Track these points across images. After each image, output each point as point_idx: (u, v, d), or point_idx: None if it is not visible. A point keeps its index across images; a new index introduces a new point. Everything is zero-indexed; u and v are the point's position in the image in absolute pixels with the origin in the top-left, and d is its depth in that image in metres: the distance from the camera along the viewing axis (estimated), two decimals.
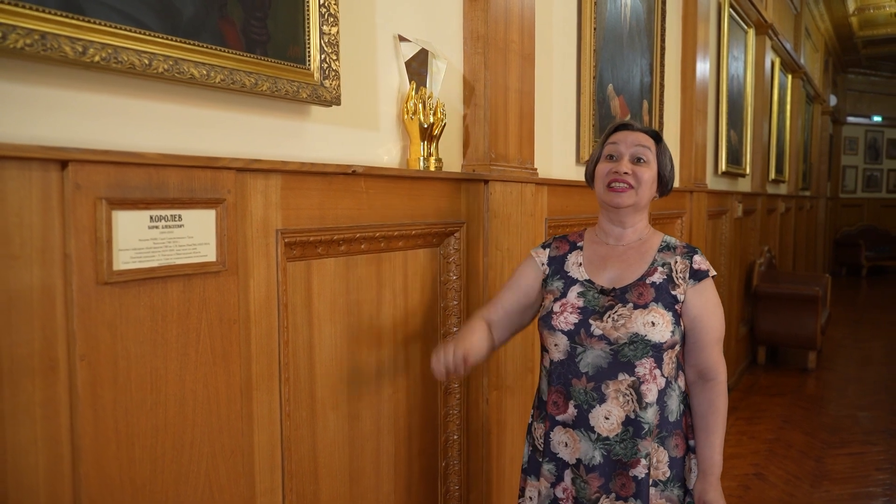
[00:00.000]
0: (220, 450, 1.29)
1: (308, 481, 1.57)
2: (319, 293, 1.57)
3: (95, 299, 1.08)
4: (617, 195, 1.60)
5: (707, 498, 1.59)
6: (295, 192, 1.45)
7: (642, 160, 1.61)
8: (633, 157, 1.61)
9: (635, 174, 1.60)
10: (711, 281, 1.62)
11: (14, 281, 0.99)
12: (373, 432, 1.76)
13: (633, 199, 1.60)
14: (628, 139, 1.63)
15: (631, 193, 1.60)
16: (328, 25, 1.52)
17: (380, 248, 1.74)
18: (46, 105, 1.08)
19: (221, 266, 1.27)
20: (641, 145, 1.62)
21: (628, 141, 1.63)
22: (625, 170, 1.59)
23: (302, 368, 1.54)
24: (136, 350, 1.14)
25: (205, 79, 1.25)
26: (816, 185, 11.06)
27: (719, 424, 1.61)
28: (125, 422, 1.13)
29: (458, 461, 2.06)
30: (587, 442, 1.58)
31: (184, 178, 1.20)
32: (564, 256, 1.70)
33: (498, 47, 2.11)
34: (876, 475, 3.81)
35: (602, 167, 1.64)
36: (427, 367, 1.94)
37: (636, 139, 1.63)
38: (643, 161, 1.61)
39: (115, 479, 1.12)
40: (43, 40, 1.02)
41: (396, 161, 1.87)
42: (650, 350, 1.54)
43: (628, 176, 1.59)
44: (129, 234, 1.11)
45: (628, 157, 1.61)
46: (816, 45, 10.07)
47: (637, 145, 1.62)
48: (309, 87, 1.48)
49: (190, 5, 1.25)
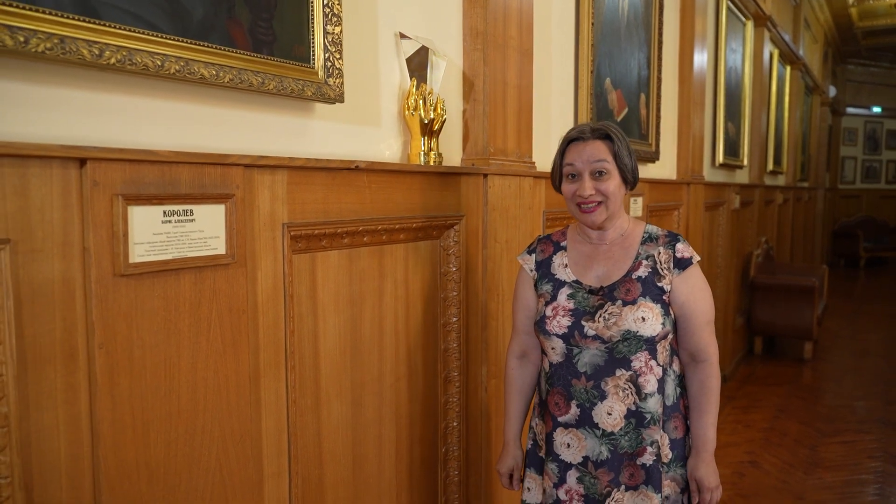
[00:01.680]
0: (229, 434, 1.35)
1: (313, 465, 1.63)
2: (324, 284, 1.63)
3: (112, 291, 1.13)
4: (590, 216, 1.63)
5: (698, 474, 1.65)
6: (300, 187, 1.50)
7: (603, 173, 1.61)
8: (594, 173, 1.62)
9: (599, 190, 1.61)
10: (696, 266, 1.67)
11: (37, 273, 1.05)
12: (375, 419, 1.82)
13: (604, 214, 1.63)
14: (583, 155, 1.62)
15: (601, 209, 1.62)
16: (332, 25, 1.56)
17: (382, 240, 1.79)
18: (65, 106, 1.13)
19: (231, 258, 1.33)
20: (598, 159, 1.61)
21: (584, 157, 1.62)
22: (588, 192, 1.60)
23: (307, 357, 1.59)
24: (150, 339, 1.20)
25: (214, 78, 1.30)
26: (815, 176, 11.10)
27: (712, 404, 1.67)
28: (140, 408, 1.19)
29: (457, 447, 2.13)
30: (593, 439, 1.62)
31: (195, 175, 1.25)
32: (550, 259, 1.74)
33: (497, 43, 2.16)
34: (868, 463, 3.88)
35: (567, 189, 1.65)
36: (427, 356, 2.01)
37: (591, 154, 1.62)
38: (604, 174, 1.61)
39: (131, 462, 1.18)
40: (62, 44, 1.07)
41: (398, 156, 1.92)
42: (643, 344, 1.59)
43: (594, 196, 1.61)
44: (144, 229, 1.17)
45: (588, 175, 1.62)
46: (816, 36, 10.09)
47: (594, 161, 1.61)
48: (313, 86, 1.53)
49: (199, 7, 1.29)
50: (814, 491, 3.50)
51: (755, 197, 6.32)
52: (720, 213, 5.20)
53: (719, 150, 5.14)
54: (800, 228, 9.43)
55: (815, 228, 11.29)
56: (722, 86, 5.09)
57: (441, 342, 2.06)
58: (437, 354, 2.06)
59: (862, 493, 3.49)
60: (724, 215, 5.23)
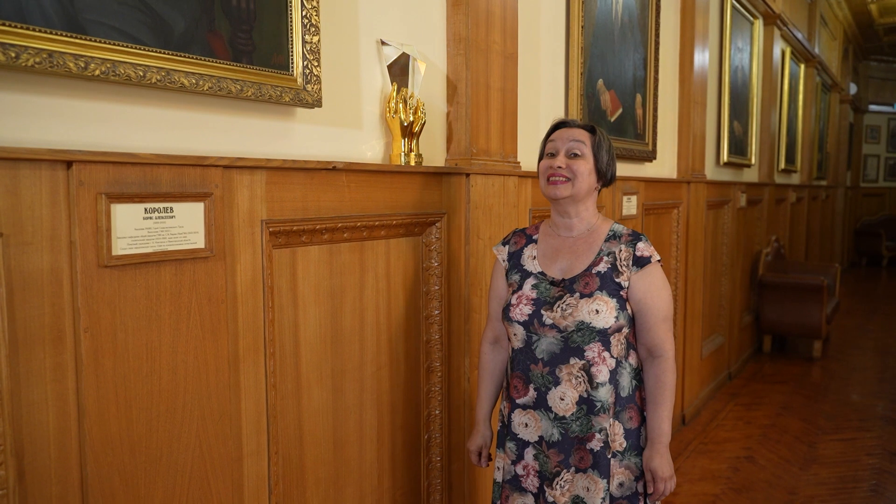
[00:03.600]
0: (209, 413, 1.47)
1: (293, 445, 1.74)
2: (304, 277, 1.74)
3: (97, 280, 1.26)
4: (554, 187, 1.74)
5: (652, 464, 1.75)
6: (279, 186, 1.62)
7: (577, 154, 1.74)
8: (569, 152, 1.75)
9: (570, 167, 1.73)
10: (656, 265, 1.76)
11: (27, 264, 1.17)
12: (356, 405, 1.93)
13: (569, 190, 1.74)
14: (564, 136, 1.77)
15: (567, 185, 1.73)
16: (310, 35, 1.68)
17: (362, 236, 1.90)
18: (54, 113, 1.26)
19: (210, 252, 1.44)
20: (576, 140, 1.75)
21: (564, 137, 1.76)
22: (559, 164, 1.73)
23: (287, 344, 1.71)
24: (133, 324, 1.32)
25: (194, 87, 1.42)
26: (834, 174, 11.00)
27: (666, 398, 1.76)
28: (123, 386, 1.31)
29: (439, 434, 2.23)
30: (547, 421, 1.74)
31: (175, 175, 1.37)
32: (521, 251, 1.86)
33: (479, 48, 2.26)
34: (866, 460, 3.90)
35: (543, 164, 1.79)
36: (410, 346, 2.11)
37: (571, 135, 1.76)
38: (578, 155, 1.74)
39: (115, 435, 1.30)
40: (50, 58, 1.19)
41: (380, 157, 2.03)
42: (596, 335, 1.69)
43: (563, 169, 1.73)
44: (126, 224, 1.29)
45: (564, 152, 1.75)
46: (834, 32, 10.00)
47: (572, 140, 1.75)
48: (292, 92, 1.64)
49: (181, 22, 1.41)
50: (807, 486, 3.55)
51: (764, 195, 6.33)
52: (725, 211, 5.23)
53: (724, 149, 5.18)
54: (816, 227, 9.37)
55: (835, 227, 11.20)
56: (727, 85, 5.13)
57: (423, 333, 2.17)
58: (420, 345, 2.16)
59: (856, 489, 3.53)
60: (728, 213, 5.27)
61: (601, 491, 1.71)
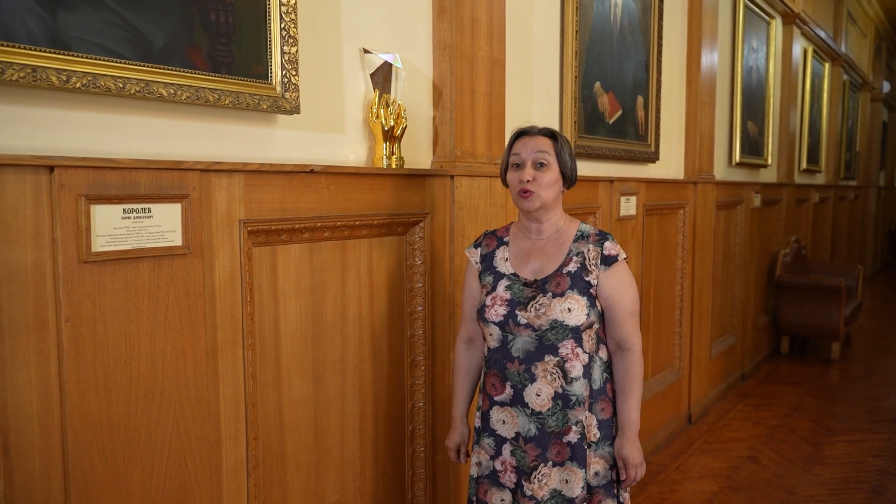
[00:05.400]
0: (186, 399, 1.58)
1: (273, 432, 1.85)
2: (284, 273, 1.85)
3: (77, 274, 1.37)
4: (526, 201, 1.81)
5: (623, 452, 1.82)
6: (257, 188, 1.73)
7: (543, 164, 1.81)
8: (535, 163, 1.81)
9: (537, 180, 1.79)
10: (623, 263, 1.83)
11: (12, 259, 1.29)
12: (338, 395, 2.03)
13: (539, 202, 1.81)
14: (529, 146, 1.82)
15: (536, 197, 1.80)
16: (288, 46, 1.78)
17: (343, 235, 2.00)
18: (40, 122, 1.38)
19: (187, 249, 1.56)
20: (541, 150, 1.81)
21: (529, 148, 1.82)
22: (527, 178, 1.79)
23: (267, 337, 1.82)
24: (112, 315, 1.44)
25: (172, 97, 1.54)
26: (865, 174, 10.80)
27: (635, 388, 1.84)
28: (103, 372, 1.43)
29: (423, 426, 2.32)
30: (524, 417, 1.82)
31: (153, 178, 1.49)
32: (493, 253, 1.93)
33: (464, 55, 2.34)
34: (871, 461, 3.88)
35: (511, 177, 1.85)
36: (393, 341, 2.21)
37: (535, 145, 1.81)
38: (544, 165, 1.80)
39: (95, 417, 1.42)
40: (34, 73, 1.31)
41: (363, 160, 2.13)
42: (569, 333, 1.76)
43: (531, 183, 1.79)
44: (105, 223, 1.40)
45: (531, 163, 1.81)
46: (864, 30, 9.82)
47: (537, 151, 1.81)
48: (269, 100, 1.75)
49: (161, 37, 1.53)
50: (808, 486, 3.55)
51: (782, 196, 6.27)
52: (737, 212, 5.22)
53: (736, 149, 5.17)
54: (843, 228, 9.21)
55: (866, 228, 10.98)
56: (739, 85, 5.12)
57: (407, 329, 2.26)
58: (404, 340, 2.25)
59: (857, 490, 3.52)
60: (741, 214, 5.25)
61: (580, 481, 1.78)
